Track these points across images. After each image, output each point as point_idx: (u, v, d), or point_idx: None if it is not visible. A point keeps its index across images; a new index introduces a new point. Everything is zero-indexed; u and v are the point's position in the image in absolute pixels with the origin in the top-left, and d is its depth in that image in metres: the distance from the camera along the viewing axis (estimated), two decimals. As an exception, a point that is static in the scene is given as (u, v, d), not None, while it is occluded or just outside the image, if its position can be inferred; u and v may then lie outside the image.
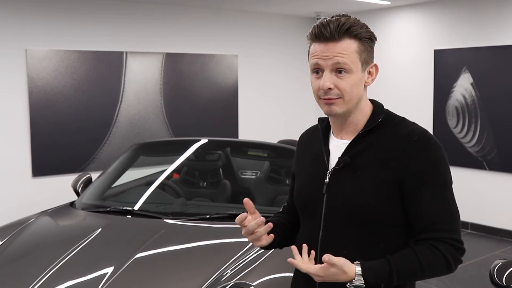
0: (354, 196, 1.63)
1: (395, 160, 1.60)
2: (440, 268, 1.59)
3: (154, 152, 4.60)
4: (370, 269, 1.54)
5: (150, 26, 6.75)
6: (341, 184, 1.66)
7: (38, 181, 6.09)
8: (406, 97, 7.04)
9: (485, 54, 6.23)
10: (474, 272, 5.13)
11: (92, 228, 3.23)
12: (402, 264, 1.56)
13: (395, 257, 1.57)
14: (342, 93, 1.61)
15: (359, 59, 1.62)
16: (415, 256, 1.56)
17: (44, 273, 2.70)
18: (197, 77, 7.11)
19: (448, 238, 1.58)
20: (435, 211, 1.59)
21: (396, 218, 1.63)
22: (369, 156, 1.64)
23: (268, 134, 7.21)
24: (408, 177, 1.59)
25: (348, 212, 1.64)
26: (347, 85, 1.61)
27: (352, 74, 1.61)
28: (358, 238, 1.62)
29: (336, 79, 1.61)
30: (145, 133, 6.75)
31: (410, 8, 7.03)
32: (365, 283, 1.52)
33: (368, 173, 1.62)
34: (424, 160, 1.60)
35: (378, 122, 1.67)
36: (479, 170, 6.40)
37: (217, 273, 2.66)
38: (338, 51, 1.60)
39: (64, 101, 6.19)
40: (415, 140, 1.61)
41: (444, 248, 1.58)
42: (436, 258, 1.57)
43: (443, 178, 1.62)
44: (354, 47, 1.61)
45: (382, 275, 1.54)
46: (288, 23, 7.97)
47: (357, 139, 1.67)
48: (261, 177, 4.21)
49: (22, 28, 5.92)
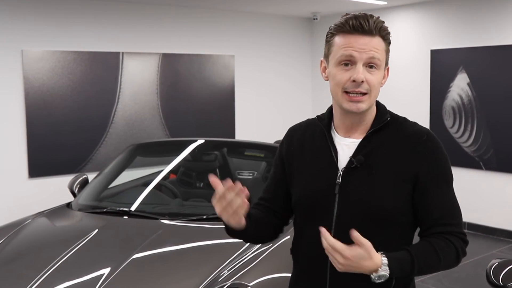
0: (370, 196, 1.62)
1: (407, 158, 1.64)
2: (452, 260, 1.65)
3: (151, 152, 4.60)
4: (395, 259, 1.55)
5: (147, 26, 6.74)
6: (355, 184, 1.64)
7: (34, 182, 6.07)
8: (403, 97, 7.04)
9: (482, 54, 6.24)
10: (471, 272, 5.14)
11: (88, 229, 3.22)
12: (422, 256, 1.59)
13: (414, 249, 1.60)
14: (370, 88, 1.62)
15: (385, 58, 1.66)
16: (433, 248, 1.61)
17: (40, 274, 2.69)
18: (193, 78, 7.10)
19: (457, 232, 1.65)
20: (444, 206, 1.65)
21: (408, 216, 1.66)
22: (381, 155, 1.65)
23: (264, 135, 7.21)
24: (420, 174, 1.63)
25: (363, 212, 1.63)
26: (376, 81, 1.63)
27: (380, 71, 1.65)
28: (372, 237, 1.56)
29: (367, 73, 1.61)
30: (142, 134, 6.74)
31: (407, 8, 7.03)
32: (390, 274, 1.52)
33: (381, 172, 1.64)
34: (433, 158, 1.65)
35: (387, 121, 1.69)
36: (475, 170, 6.41)
37: (214, 274, 2.66)
38: (374, 46, 1.61)
39: (61, 102, 6.18)
40: (425, 139, 1.66)
41: (456, 241, 1.64)
42: (450, 250, 1.63)
43: (448, 175, 1.69)
44: (384, 46, 1.65)
45: (405, 266, 1.56)
46: (285, 24, 7.97)
47: (367, 138, 1.67)
48: (258, 178, 4.21)
49: (18, 28, 5.91)
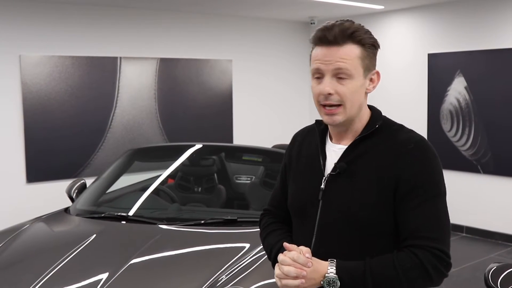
0: (350, 203, 1.60)
1: (390, 167, 1.58)
2: (418, 277, 1.52)
3: (149, 157, 4.60)
4: (345, 268, 1.52)
5: (144, 31, 6.75)
6: (337, 191, 1.63)
7: (32, 187, 6.07)
8: (400, 101, 7.05)
9: (479, 58, 6.26)
10: (469, 276, 5.14)
11: (86, 234, 3.21)
12: (377, 267, 1.52)
13: (373, 259, 1.54)
14: (342, 99, 1.58)
15: (361, 65, 1.59)
16: (391, 261, 1.52)
17: (38, 280, 2.68)
18: (191, 82, 7.11)
19: (431, 247, 1.52)
20: (422, 218, 1.54)
21: (390, 226, 1.59)
22: (365, 163, 1.61)
23: (262, 139, 7.22)
24: (401, 183, 1.56)
25: (343, 219, 1.61)
26: (348, 91, 1.58)
27: (353, 80, 1.58)
28: (351, 246, 1.59)
29: (337, 84, 1.58)
30: (140, 139, 6.74)
31: (404, 12, 7.05)
32: (340, 280, 1.51)
33: (364, 180, 1.60)
34: (418, 168, 1.57)
35: (376, 128, 1.64)
36: (473, 174, 6.42)
37: (212, 279, 2.65)
38: (341, 56, 1.57)
39: (58, 106, 6.17)
40: (411, 148, 1.58)
41: (424, 256, 1.51)
42: (414, 266, 1.50)
43: (435, 188, 1.58)
44: (357, 52, 1.58)
45: (356, 274, 1.51)
46: (282, 28, 7.98)
47: (354, 145, 1.64)
48: (256, 182, 4.20)
49: (16, 34, 5.91)
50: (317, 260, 1.54)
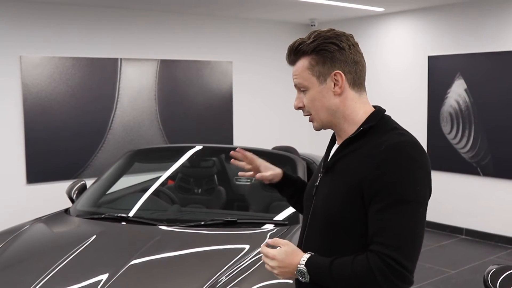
0: (324, 200, 1.68)
1: (359, 168, 1.59)
2: (366, 281, 1.52)
3: (149, 158, 4.60)
4: (315, 262, 1.59)
5: (145, 33, 6.76)
6: (322, 189, 1.72)
7: (32, 188, 6.07)
8: (400, 103, 7.06)
9: (479, 60, 6.26)
10: (468, 278, 5.14)
11: (86, 235, 3.22)
12: (338, 267, 1.56)
13: (339, 259, 1.58)
14: (308, 109, 1.72)
15: (312, 74, 1.67)
16: (351, 262, 1.54)
17: (38, 280, 2.69)
18: (191, 84, 7.12)
19: (382, 253, 1.50)
20: (381, 223, 1.52)
21: (359, 228, 1.59)
22: (345, 163, 1.66)
23: (262, 140, 7.22)
24: (365, 186, 1.56)
25: (321, 216, 1.69)
26: (307, 101, 1.70)
27: (310, 90, 1.69)
28: (330, 243, 1.66)
29: (303, 97, 1.71)
30: (140, 140, 6.75)
31: (404, 15, 7.06)
32: (308, 273, 1.58)
33: (339, 179, 1.65)
34: (383, 171, 1.54)
35: (362, 130, 1.65)
36: (473, 176, 6.42)
37: (211, 280, 2.65)
38: (294, 73, 1.71)
39: (59, 107, 6.18)
40: (381, 150, 1.56)
41: (373, 261, 1.50)
42: (363, 270, 1.51)
43: (403, 194, 1.52)
44: (305, 64, 1.68)
45: (320, 270, 1.58)
46: (283, 30, 7.99)
47: (344, 145, 1.69)
48: (256, 184, 4.20)
49: (16, 34, 5.92)
50: (295, 250, 1.64)
